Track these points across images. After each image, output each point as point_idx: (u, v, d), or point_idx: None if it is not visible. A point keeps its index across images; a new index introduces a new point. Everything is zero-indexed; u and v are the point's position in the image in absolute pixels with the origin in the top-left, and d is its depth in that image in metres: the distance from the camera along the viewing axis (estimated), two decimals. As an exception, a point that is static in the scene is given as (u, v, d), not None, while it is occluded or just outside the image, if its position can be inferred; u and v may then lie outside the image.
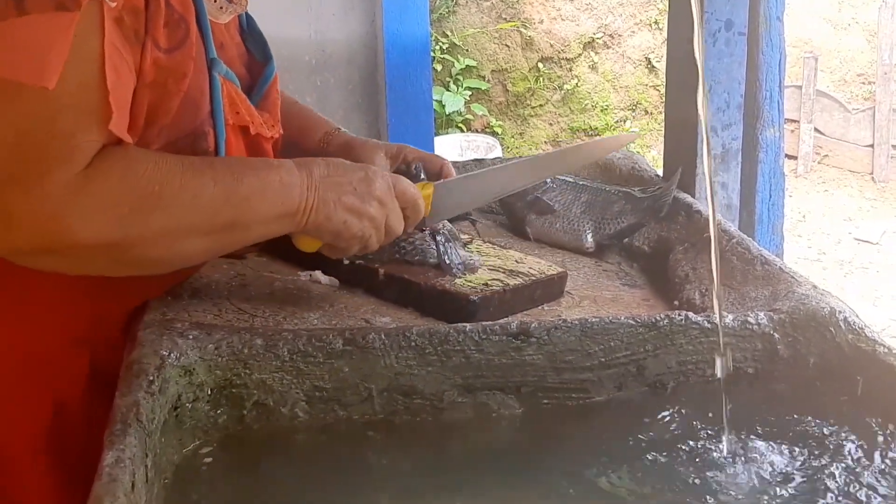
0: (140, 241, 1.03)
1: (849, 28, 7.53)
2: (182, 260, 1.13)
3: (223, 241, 1.12)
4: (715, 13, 1.69)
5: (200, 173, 1.07)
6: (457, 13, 7.26)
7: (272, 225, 1.13)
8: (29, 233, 0.98)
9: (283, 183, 1.11)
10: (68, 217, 0.98)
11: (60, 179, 0.97)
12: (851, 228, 6.36)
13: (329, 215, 1.14)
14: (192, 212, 1.05)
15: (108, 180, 1.00)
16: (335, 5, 3.25)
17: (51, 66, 0.95)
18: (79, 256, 1.03)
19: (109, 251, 1.03)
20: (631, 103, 7.44)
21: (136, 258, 1.06)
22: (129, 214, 1.01)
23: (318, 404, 1.10)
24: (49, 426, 1.20)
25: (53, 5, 0.95)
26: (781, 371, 1.17)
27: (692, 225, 1.56)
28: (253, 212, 1.10)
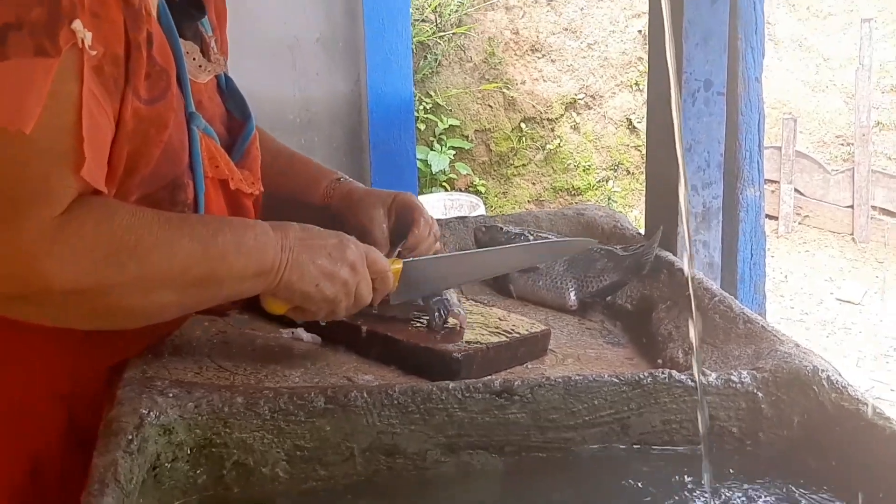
0: (113, 290, 1.03)
1: (827, 90, 7.65)
2: (155, 313, 1.11)
3: (196, 296, 1.12)
4: (694, 73, 1.71)
5: (177, 227, 1.07)
6: (440, 73, 7.33)
7: (246, 283, 1.13)
8: (3, 276, 0.98)
9: (259, 242, 1.12)
10: (43, 261, 0.97)
11: (35, 223, 0.97)
12: (833, 289, 6.39)
13: (302, 276, 1.15)
14: (167, 264, 1.05)
15: (84, 227, 1.00)
16: (320, 64, 3.28)
17: (27, 110, 0.95)
18: (52, 304, 1.02)
19: (82, 299, 1.02)
20: (613, 163, 7.51)
21: (109, 308, 1.05)
22: (103, 261, 1.01)
23: (299, 464, 1.08)
24: (25, 481, 1.18)
25: (33, 51, 0.96)
26: (765, 430, 1.17)
27: (674, 283, 1.56)
28: (227, 268, 1.10)
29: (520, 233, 1.67)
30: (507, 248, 1.52)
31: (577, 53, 7.59)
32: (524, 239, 1.65)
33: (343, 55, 3.30)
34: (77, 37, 0.98)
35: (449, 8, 7.34)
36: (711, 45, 1.71)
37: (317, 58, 3.28)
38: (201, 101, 1.25)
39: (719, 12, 1.71)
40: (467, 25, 7.40)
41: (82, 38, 0.98)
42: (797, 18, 7.81)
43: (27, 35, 0.96)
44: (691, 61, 1.70)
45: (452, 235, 1.80)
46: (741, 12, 1.81)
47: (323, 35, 3.26)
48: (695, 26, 1.68)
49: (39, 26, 0.96)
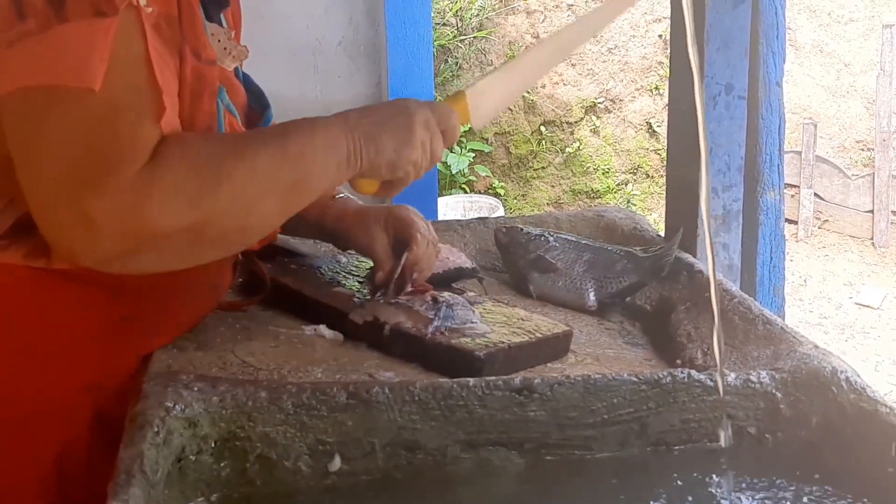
0: (215, 216, 1.05)
1: (847, 95, 7.62)
2: (261, 225, 1.15)
3: (291, 199, 1.14)
4: (715, 77, 1.72)
5: (251, 141, 1.12)
6: (461, 77, 7.35)
7: (331, 173, 1.16)
8: (112, 233, 1.00)
9: (329, 132, 1.16)
10: (144, 208, 0.99)
11: (129, 176, 0.99)
12: (852, 293, 6.36)
13: (380, 149, 1.18)
14: (255, 176, 1.08)
15: (172, 166, 1.02)
16: (342, 67, 3.30)
17: (93, 69, 0.98)
18: (163, 249, 1.04)
19: (191, 234, 1.04)
20: (632, 167, 7.50)
21: (217, 235, 1.08)
22: (198, 193, 1.03)
23: (321, 458, 1.10)
24: (52, 472, 1.19)
25: (92, 11, 0.98)
26: (783, 430, 1.17)
27: (694, 285, 1.57)
28: (310, 165, 1.14)
29: (540, 234, 1.68)
30: (555, 35, 1.48)
31: (597, 57, 7.59)
32: (544, 240, 1.66)
33: (365, 58, 3.32)
34: None
35: (470, 12, 7.36)
36: (733, 50, 1.72)
37: (339, 61, 3.30)
38: (228, 87, 1.28)
39: (741, 17, 1.72)
40: (488, 29, 7.41)
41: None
42: (818, 24, 7.78)
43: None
44: (712, 65, 1.71)
45: (473, 236, 1.81)
46: (763, 17, 1.81)
47: (345, 38, 3.27)
48: (716, 30, 1.69)
49: None
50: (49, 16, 0.98)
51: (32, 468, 1.19)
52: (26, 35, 0.98)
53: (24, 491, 1.19)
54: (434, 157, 1.25)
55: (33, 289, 1.14)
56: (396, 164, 1.20)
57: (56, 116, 0.99)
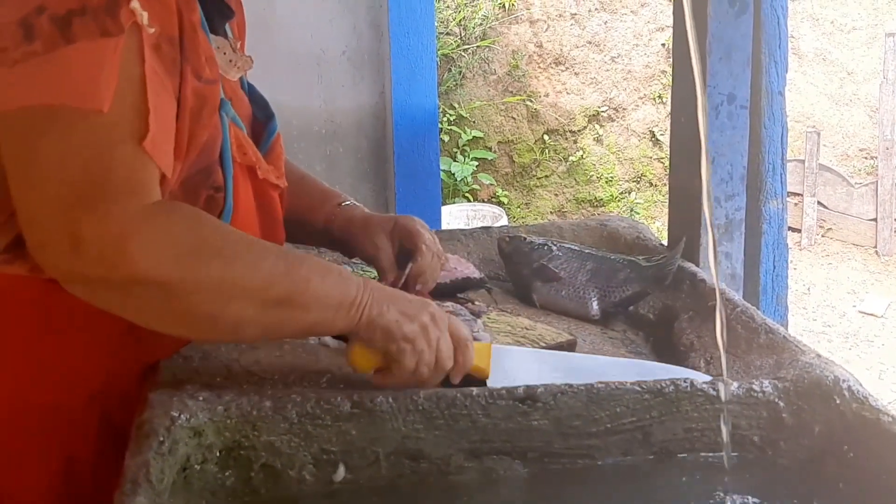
0: (194, 289, 1.03)
1: (850, 104, 7.62)
2: (231, 325, 1.08)
3: (276, 316, 1.09)
4: (717, 87, 1.73)
5: (262, 245, 1.10)
6: (464, 86, 7.36)
7: (329, 312, 1.11)
8: (94, 257, 0.99)
9: (342, 276, 1.14)
10: (131, 243, 0.99)
11: (127, 207, 1.00)
12: (856, 302, 6.35)
13: (382, 312, 1.14)
14: (251, 274, 1.06)
15: (172, 218, 1.03)
16: (345, 76, 3.31)
17: (101, 90, 0.99)
18: (133, 294, 1.03)
19: (164, 294, 1.02)
20: (635, 175, 7.50)
21: (189, 309, 1.05)
22: (188, 256, 1.02)
23: (325, 467, 1.10)
24: (59, 480, 1.20)
25: (99, 31, 0.99)
26: (786, 439, 1.18)
27: (696, 294, 1.57)
28: (311, 291, 1.10)
29: (543, 243, 1.69)
30: (609, 360, 1.36)
31: (600, 66, 7.60)
32: (548, 250, 1.67)
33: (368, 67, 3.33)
34: (136, 15, 1.01)
35: (473, 21, 7.37)
36: (735, 60, 1.72)
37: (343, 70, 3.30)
38: (232, 99, 1.29)
39: (743, 26, 1.73)
40: (491, 38, 7.42)
41: (140, 17, 1.02)
42: (821, 32, 7.79)
43: (90, 19, 0.99)
44: (715, 75, 1.71)
45: (476, 245, 1.82)
46: (765, 27, 1.82)
47: (349, 48, 3.28)
48: (718, 41, 1.70)
49: (101, 9, 0.99)
50: (56, 37, 0.98)
51: (39, 476, 1.20)
52: (32, 55, 0.98)
53: (31, 499, 1.20)
54: (441, 360, 1.16)
55: (41, 299, 1.15)
56: (392, 333, 1.14)
57: (56, 134, 0.99)
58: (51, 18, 0.99)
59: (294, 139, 3.08)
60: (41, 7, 0.99)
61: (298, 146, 3.10)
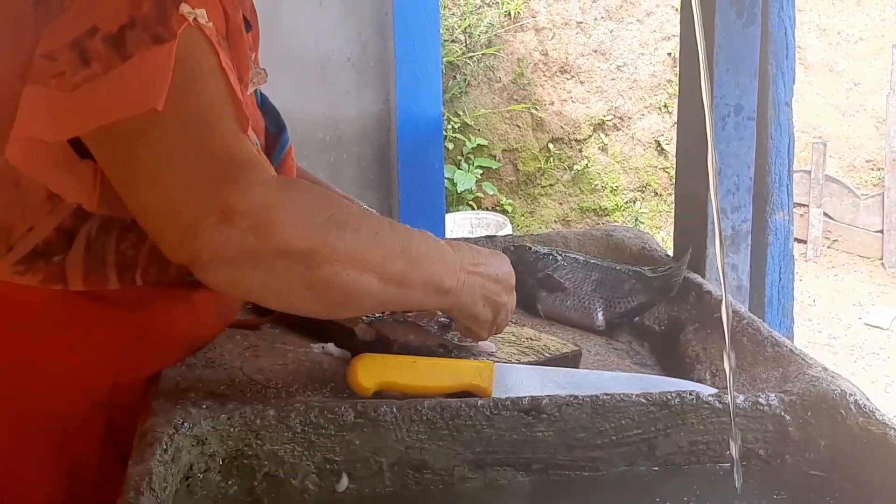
0: (332, 257, 1.03)
1: (857, 115, 7.61)
2: (360, 300, 1.09)
3: (391, 294, 1.11)
4: (724, 98, 1.72)
5: (378, 217, 1.12)
6: (469, 94, 7.37)
7: (429, 295, 1.16)
8: (243, 227, 0.98)
9: (444, 258, 1.16)
10: (278, 210, 0.99)
11: (262, 178, 1.01)
12: (861, 314, 6.33)
13: (473, 299, 1.20)
14: (374, 248, 1.07)
15: (300, 190, 1.04)
16: (350, 83, 3.31)
17: (157, 91, 0.97)
18: (276, 269, 1.01)
19: (306, 263, 1.02)
20: (640, 185, 7.50)
21: (326, 279, 1.04)
22: (324, 224, 1.03)
23: (328, 477, 1.10)
24: (62, 488, 1.20)
25: (151, 40, 0.99)
26: (792, 453, 1.17)
27: (702, 305, 1.56)
28: (421, 273, 1.13)
29: (548, 252, 1.68)
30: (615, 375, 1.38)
31: (606, 75, 7.61)
32: (553, 259, 1.66)
33: (373, 74, 3.33)
34: (188, 17, 1.01)
35: (479, 29, 7.38)
36: (742, 70, 1.72)
37: (347, 77, 3.31)
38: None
39: (750, 37, 1.72)
40: (497, 46, 7.43)
41: (194, 17, 1.01)
42: (828, 43, 7.79)
43: (142, 30, 0.99)
44: (721, 86, 1.71)
45: (481, 254, 1.81)
46: (772, 37, 1.82)
47: (354, 54, 3.29)
48: (725, 51, 1.69)
49: (151, 19, 0.99)
50: (112, 56, 0.98)
51: (43, 483, 1.20)
52: (92, 78, 0.98)
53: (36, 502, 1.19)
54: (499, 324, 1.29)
55: (49, 309, 1.15)
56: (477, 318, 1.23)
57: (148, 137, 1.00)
58: (104, 39, 0.99)
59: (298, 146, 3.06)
60: (93, 29, 0.99)
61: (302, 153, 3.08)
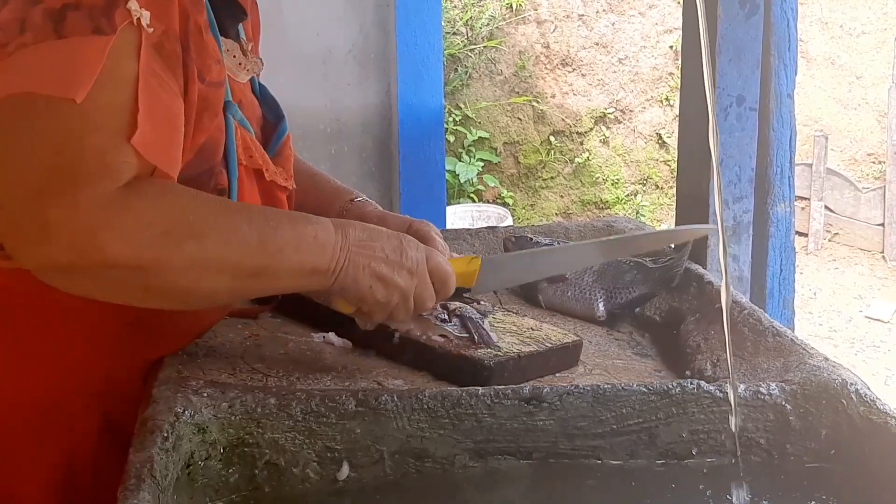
0: (169, 269, 1.02)
1: (859, 108, 7.60)
2: (208, 297, 1.11)
3: (250, 286, 1.11)
4: (726, 89, 1.72)
5: (236, 214, 1.09)
6: (470, 86, 7.36)
7: (301, 279, 1.13)
8: (63, 244, 0.97)
9: (318, 240, 1.12)
10: (103, 230, 0.97)
11: (96, 193, 0.98)
12: (862, 307, 6.33)
13: (357, 278, 1.15)
14: (225, 250, 1.05)
15: (143, 200, 1.01)
16: (351, 76, 3.30)
17: (79, 81, 0.97)
18: (107, 278, 1.01)
19: (138, 275, 1.01)
20: (641, 177, 7.49)
21: (164, 287, 1.04)
22: (161, 238, 1.01)
23: (329, 465, 1.10)
24: (59, 477, 1.20)
25: (91, 29, 0.99)
26: (793, 442, 1.17)
27: (703, 296, 1.57)
28: (284, 262, 1.10)
29: (550, 243, 1.68)
30: (590, 242, 1.48)
31: (607, 68, 7.59)
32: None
33: (374, 67, 3.33)
34: (132, 16, 1.00)
35: (480, 21, 7.37)
36: (744, 61, 1.72)
37: (349, 69, 3.30)
38: (241, 101, 1.28)
39: (753, 29, 1.72)
40: (498, 39, 7.42)
41: (138, 17, 1.01)
42: (830, 36, 7.77)
43: (85, 15, 0.99)
44: (724, 77, 1.71)
45: (482, 245, 1.82)
46: (775, 29, 1.82)
47: (355, 47, 3.28)
48: (728, 42, 1.69)
49: (97, 7, 0.99)
50: (48, 30, 0.98)
51: (39, 473, 1.20)
52: (22, 46, 0.98)
53: (30, 496, 1.19)
54: (419, 305, 1.21)
55: (40, 294, 1.14)
56: (364, 298, 1.17)
57: (30, 122, 0.98)
58: (45, 11, 0.99)
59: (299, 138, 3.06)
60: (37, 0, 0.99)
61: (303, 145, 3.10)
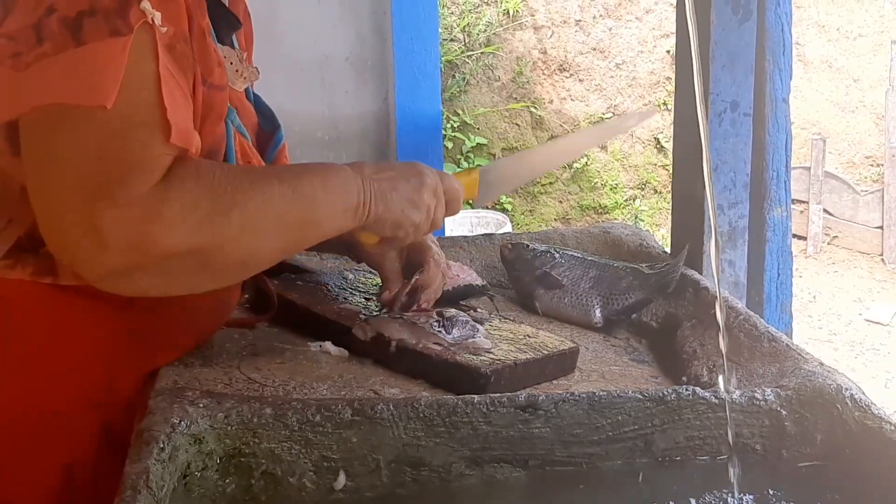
0: (223, 243, 1.05)
1: (856, 111, 7.61)
2: (264, 260, 1.15)
3: (298, 237, 1.15)
4: (720, 94, 1.72)
5: (265, 175, 1.12)
6: (468, 92, 7.37)
7: (338, 220, 1.18)
8: (120, 247, 0.99)
9: (341, 178, 1.17)
10: (154, 224, 1.00)
11: (141, 190, 1.00)
12: (862, 310, 6.33)
13: (388, 206, 1.21)
14: (266, 209, 1.09)
15: (185, 186, 1.03)
16: (349, 82, 3.31)
17: (106, 87, 0.99)
18: (168, 269, 1.04)
19: (196, 258, 1.04)
20: (640, 182, 7.50)
21: (224, 262, 1.08)
22: (208, 217, 1.03)
23: (326, 475, 1.10)
24: (58, 486, 1.20)
25: (108, 32, 1.00)
26: (788, 448, 1.17)
27: (700, 301, 1.57)
28: (319, 207, 1.15)
29: (546, 250, 1.69)
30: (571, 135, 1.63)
31: (605, 73, 7.61)
32: (550, 257, 1.67)
33: (372, 74, 3.33)
34: (147, 16, 1.02)
35: (477, 27, 7.38)
36: (738, 67, 1.72)
37: (346, 76, 3.31)
38: (238, 108, 1.29)
39: (746, 34, 1.72)
40: (496, 45, 7.43)
41: (152, 17, 1.02)
42: (827, 39, 7.79)
43: (101, 19, 1.00)
44: (718, 82, 1.71)
45: (479, 252, 1.82)
46: (769, 33, 1.82)
47: (352, 54, 3.28)
48: (721, 48, 1.69)
49: (112, 10, 1.00)
50: (66, 38, 0.99)
51: (39, 482, 1.20)
52: (42, 57, 0.99)
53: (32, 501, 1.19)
54: (436, 223, 1.28)
55: (41, 304, 1.15)
56: (401, 223, 1.23)
57: (67, 132, 1.00)
58: (60, 20, 1.00)
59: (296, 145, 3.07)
60: (51, 8, 1.00)
61: (301, 152, 3.10)
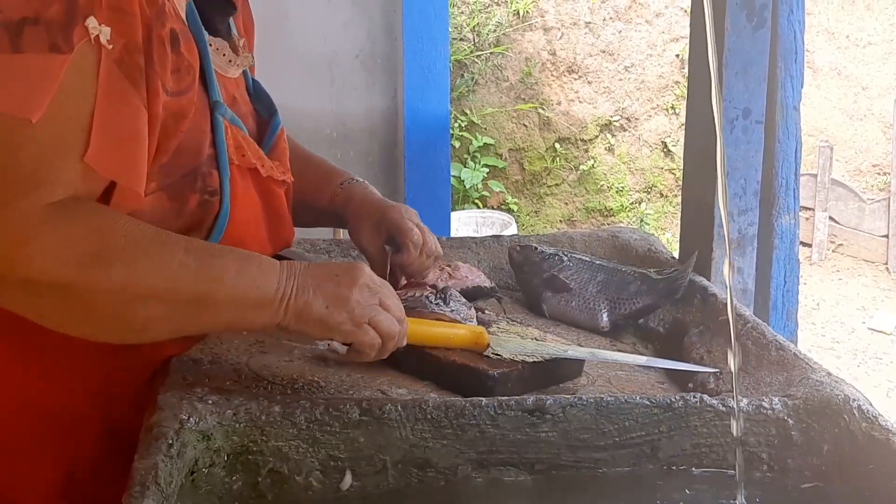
0: (94, 291, 1.00)
1: (864, 119, 7.60)
2: (139, 327, 1.07)
3: (189, 316, 1.08)
4: (733, 101, 1.72)
5: (174, 243, 1.06)
6: (476, 92, 7.37)
7: (248, 311, 1.09)
8: None
9: (262, 270, 1.10)
10: (28, 244, 0.97)
11: (27, 207, 0.97)
12: (865, 318, 6.33)
13: (309, 302, 1.11)
14: (157, 275, 1.03)
15: (74, 219, 0.99)
16: (358, 80, 3.31)
17: (35, 101, 0.97)
18: (31, 293, 1.00)
19: (63, 295, 1.00)
20: (646, 186, 7.50)
21: (89, 311, 1.03)
22: (88, 258, 0.99)
23: (332, 474, 1.10)
24: (61, 482, 1.20)
25: (47, 46, 0.98)
26: (795, 457, 1.17)
27: (707, 308, 1.57)
28: (224, 291, 1.06)
29: (554, 253, 1.69)
30: None
31: (613, 75, 7.60)
32: (558, 260, 1.67)
33: (381, 72, 3.33)
34: (91, 34, 1.00)
35: (487, 28, 7.38)
36: (751, 74, 1.72)
37: (355, 74, 3.31)
38: (234, 98, 1.29)
39: (760, 41, 1.72)
40: (505, 45, 7.43)
41: (97, 34, 1.00)
42: (837, 47, 7.78)
43: (43, 31, 0.98)
44: (730, 90, 1.71)
45: (487, 253, 1.82)
46: (782, 41, 1.82)
47: (362, 52, 3.29)
48: (735, 55, 1.69)
49: (56, 24, 0.98)
50: (4, 42, 0.97)
51: (41, 478, 1.20)
52: None
53: (32, 500, 1.20)
54: (381, 332, 1.16)
55: None
56: (325, 321, 1.12)
57: None
58: (2, 23, 0.98)
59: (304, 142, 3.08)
60: None
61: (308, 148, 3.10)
